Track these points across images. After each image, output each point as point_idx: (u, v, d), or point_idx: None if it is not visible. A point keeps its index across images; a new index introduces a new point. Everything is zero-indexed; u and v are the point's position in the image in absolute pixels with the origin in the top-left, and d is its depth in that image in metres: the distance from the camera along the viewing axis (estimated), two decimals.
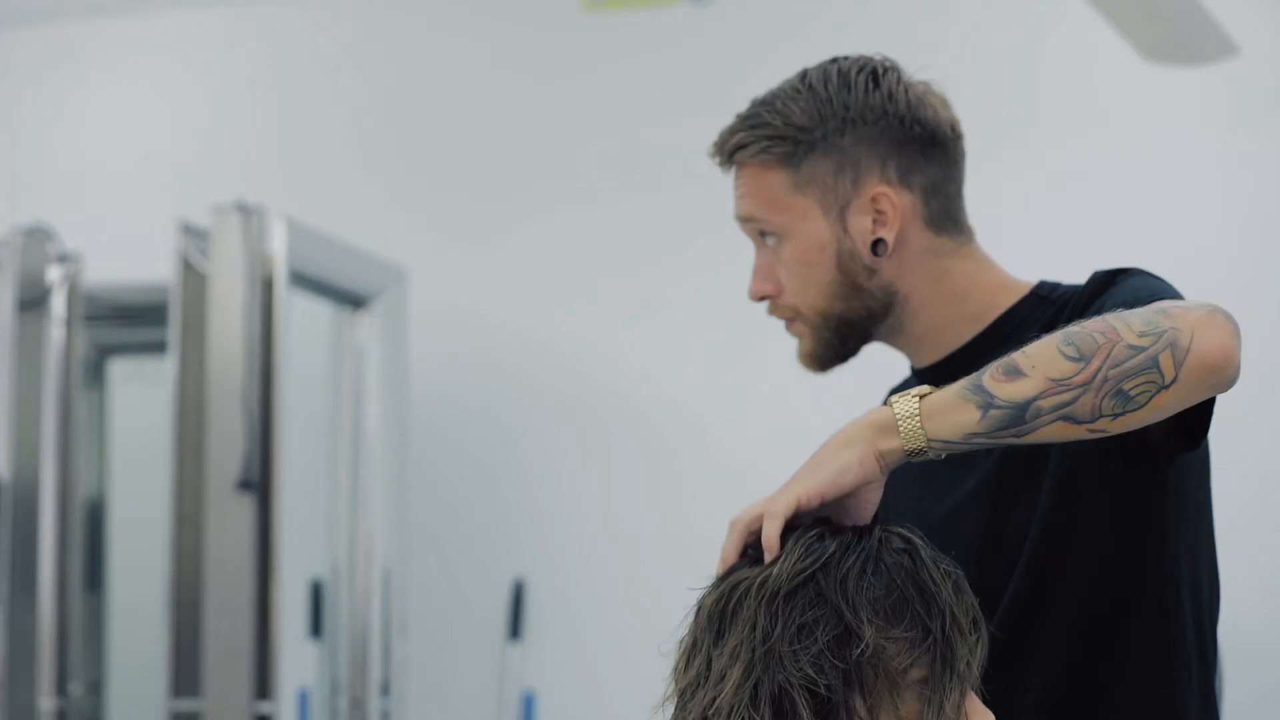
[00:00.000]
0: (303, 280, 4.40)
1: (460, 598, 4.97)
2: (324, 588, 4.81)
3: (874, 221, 2.07)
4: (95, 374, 5.04)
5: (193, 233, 4.25)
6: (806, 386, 4.65)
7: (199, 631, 4.18)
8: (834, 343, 2.12)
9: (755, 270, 2.10)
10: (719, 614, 1.75)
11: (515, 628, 4.86)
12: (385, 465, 4.63)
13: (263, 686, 4.16)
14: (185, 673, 4.21)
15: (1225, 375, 1.76)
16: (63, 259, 4.34)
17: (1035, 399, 1.78)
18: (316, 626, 4.82)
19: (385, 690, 4.64)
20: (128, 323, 4.95)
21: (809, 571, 1.71)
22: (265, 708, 4.15)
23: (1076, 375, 1.77)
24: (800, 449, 2.79)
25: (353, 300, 4.65)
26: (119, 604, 5.20)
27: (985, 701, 1.76)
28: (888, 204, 2.07)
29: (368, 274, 4.65)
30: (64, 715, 4.33)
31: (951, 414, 1.81)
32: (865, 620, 1.68)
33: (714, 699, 1.72)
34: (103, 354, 5.10)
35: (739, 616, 1.73)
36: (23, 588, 4.29)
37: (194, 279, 4.24)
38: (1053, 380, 1.77)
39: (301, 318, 4.44)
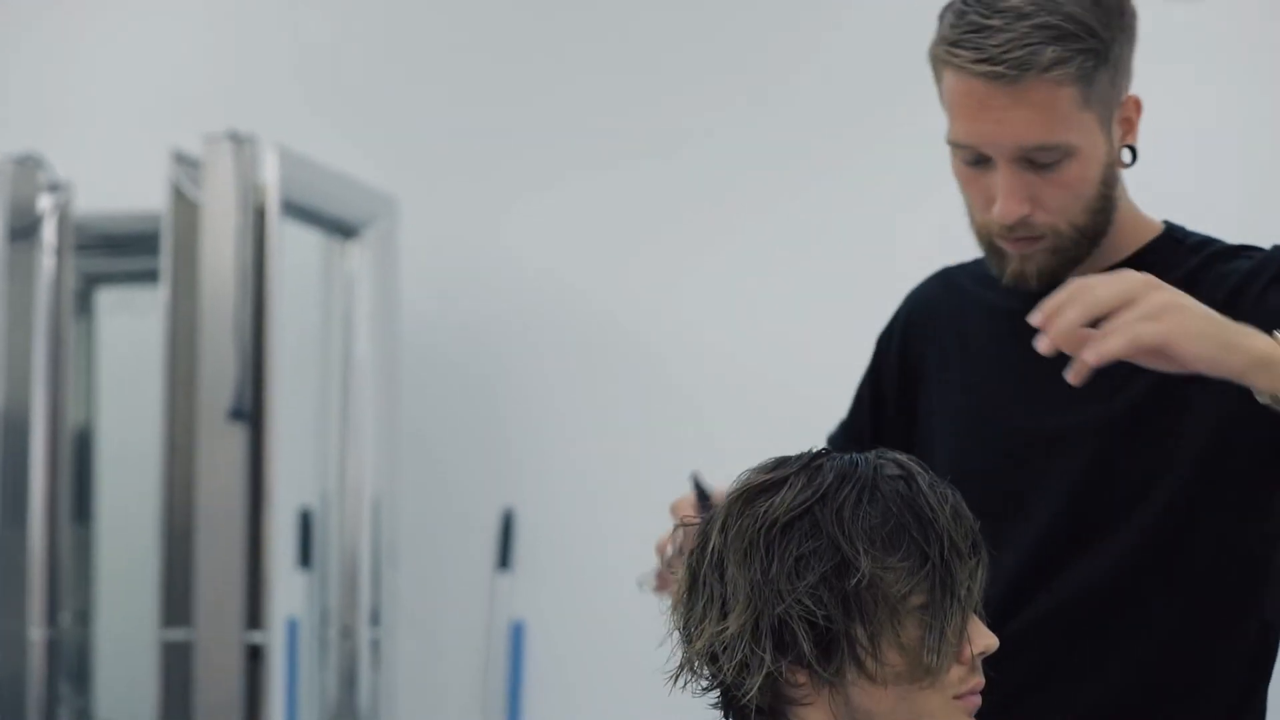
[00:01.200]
0: (294, 209, 4.39)
1: (450, 527, 4.98)
2: (313, 517, 4.82)
3: (1124, 130, 2.05)
4: (83, 304, 5.02)
5: (185, 162, 4.24)
6: (804, 314, 4.70)
7: (190, 561, 4.19)
8: (1074, 259, 2.06)
9: (1008, 192, 2.00)
10: (718, 548, 1.76)
11: (504, 558, 4.87)
12: (375, 395, 4.63)
13: (254, 616, 4.17)
14: (176, 602, 4.22)
15: None
16: (54, 188, 4.32)
17: None
18: (306, 556, 4.82)
19: (375, 620, 4.65)
20: (116, 252, 4.94)
21: (806, 505, 1.72)
22: (257, 637, 4.16)
23: None
24: (797, 378, 2.81)
25: (343, 230, 4.64)
26: (106, 534, 5.20)
27: (990, 624, 1.77)
28: (1134, 110, 2.05)
29: (359, 203, 4.64)
30: (54, 645, 4.33)
31: None
32: (861, 550, 1.69)
33: (719, 633, 1.73)
34: (90, 283, 5.08)
35: (738, 550, 1.73)
36: (13, 518, 4.30)
37: (186, 208, 4.23)
38: None
39: (292, 247, 4.43)
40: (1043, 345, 1.84)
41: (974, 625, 1.75)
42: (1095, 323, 1.80)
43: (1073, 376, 1.84)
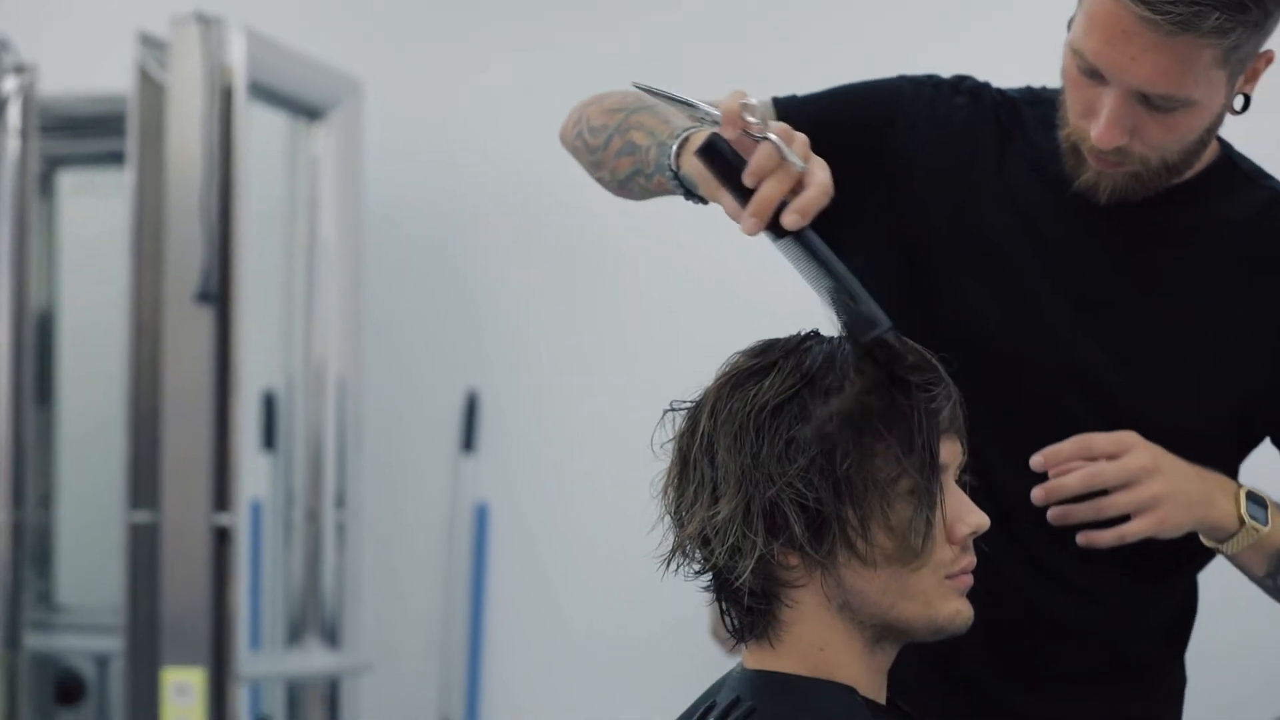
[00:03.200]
0: (260, 91, 4.37)
1: (414, 410, 4.98)
2: (276, 400, 4.82)
3: (1246, 79, 2.04)
4: (44, 186, 5.00)
5: (151, 43, 4.21)
6: None
7: (157, 443, 4.18)
8: (1150, 187, 2.08)
9: (1113, 120, 1.98)
10: (707, 432, 1.77)
11: (468, 440, 4.88)
12: (340, 277, 4.61)
13: (221, 498, 4.18)
14: (142, 485, 4.22)
15: None
16: (19, 69, 4.28)
17: None
18: (269, 438, 4.83)
19: (339, 502, 4.66)
20: (78, 134, 4.90)
21: (794, 388, 1.72)
22: (224, 519, 4.17)
23: None
24: (763, 265, 2.81)
25: (309, 112, 4.61)
26: (68, 418, 5.19)
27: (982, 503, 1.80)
28: (1264, 64, 2.04)
29: (324, 85, 4.61)
30: (19, 529, 4.33)
31: (1258, 555, 2.09)
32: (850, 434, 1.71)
33: (710, 517, 1.74)
34: (52, 166, 5.05)
35: (728, 434, 1.74)
36: None
37: (152, 90, 4.20)
38: None
39: (257, 129, 4.40)
40: (1038, 495, 2.01)
41: (965, 505, 1.77)
42: None
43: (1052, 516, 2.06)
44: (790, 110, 2.15)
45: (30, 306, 4.40)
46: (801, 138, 1.80)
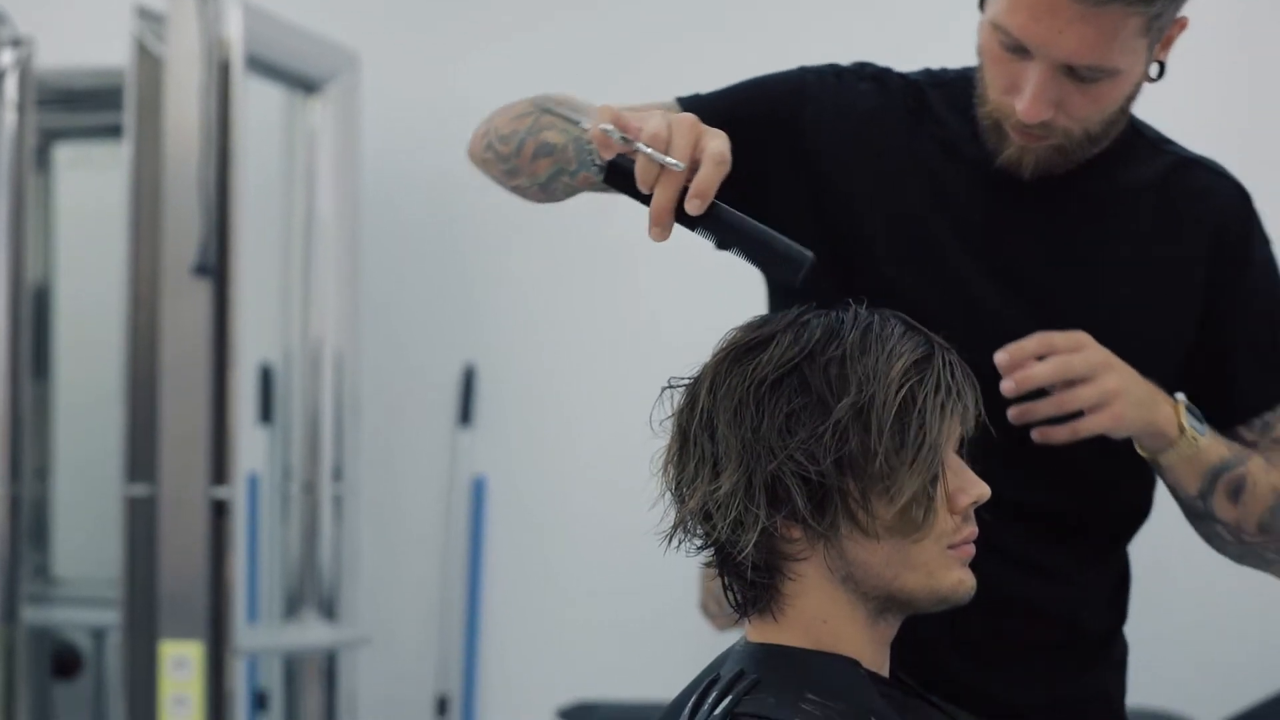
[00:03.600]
0: (257, 65, 4.36)
1: (411, 383, 4.98)
2: (273, 373, 4.82)
3: (1162, 47, 2.07)
4: (40, 159, 4.99)
5: (148, 16, 4.20)
6: None
7: (154, 416, 4.18)
8: (1073, 159, 2.10)
9: (1039, 94, 2.00)
10: (707, 407, 1.77)
11: (466, 413, 4.88)
12: (337, 250, 4.61)
13: (218, 472, 4.18)
14: (140, 458, 4.22)
15: None
16: (16, 43, 4.28)
17: (1224, 522, 2.13)
18: (267, 412, 4.83)
19: (337, 475, 4.66)
20: (74, 107, 4.90)
21: (794, 361, 1.73)
22: (221, 492, 4.17)
23: (1257, 536, 2.13)
24: None
25: (306, 85, 4.61)
26: (65, 391, 5.19)
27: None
28: (1178, 30, 2.07)
29: (321, 58, 4.61)
30: (17, 502, 4.33)
31: (1192, 470, 2.11)
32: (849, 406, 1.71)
33: (712, 491, 1.74)
34: (48, 139, 5.05)
35: (728, 409, 1.75)
36: None
37: (149, 63, 4.20)
38: (1243, 524, 2.13)
39: (254, 103, 4.40)
40: (1008, 387, 2.02)
41: (966, 475, 1.77)
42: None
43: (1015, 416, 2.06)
44: (695, 109, 2.12)
45: (27, 280, 4.39)
46: (687, 118, 1.82)
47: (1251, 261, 2.17)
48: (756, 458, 1.71)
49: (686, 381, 1.81)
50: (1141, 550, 2.33)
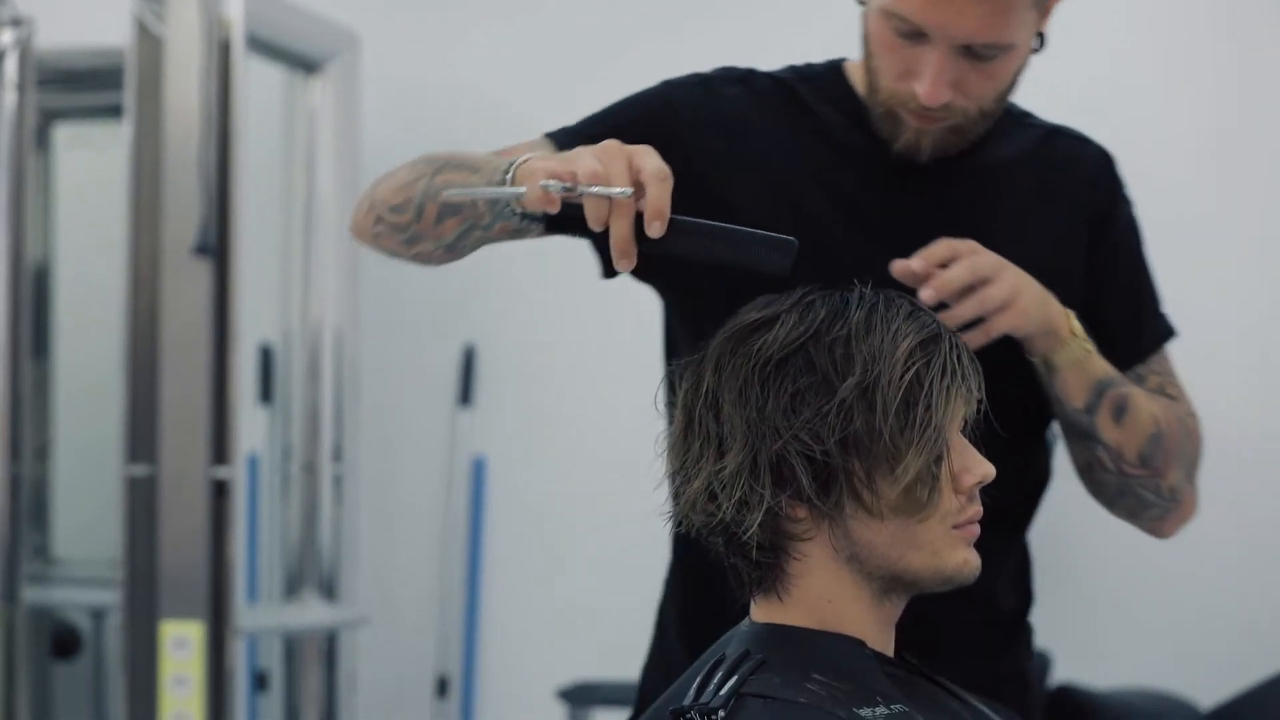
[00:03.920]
0: (257, 44, 4.36)
1: (411, 363, 4.98)
2: (274, 353, 4.82)
3: (1042, 17, 2.10)
4: (40, 139, 4.99)
5: None
6: None
7: (154, 396, 4.18)
8: (968, 138, 2.13)
9: (939, 77, 2.03)
10: (712, 387, 1.77)
11: (466, 393, 4.88)
12: (337, 230, 4.61)
13: (219, 452, 4.18)
14: (140, 438, 4.21)
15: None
16: (16, 23, 4.27)
17: (1107, 444, 2.16)
18: (267, 392, 4.83)
19: (337, 455, 4.66)
20: (74, 87, 4.89)
21: (799, 341, 1.73)
22: (221, 473, 4.17)
23: (1137, 467, 2.15)
24: None
25: (306, 65, 4.61)
26: (65, 371, 5.19)
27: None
28: (1054, 1, 2.10)
29: (321, 38, 4.61)
30: (16, 482, 4.33)
31: (1081, 379, 2.13)
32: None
33: (717, 471, 1.74)
34: (48, 119, 5.04)
35: (732, 388, 1.75)
36: None
37: (149, 43, 4.19)
38: (1125, 450, 2.16)
39: (254, 83, 4.39)
40: (928, 296, 1.99)
41: (971, 455, 1.77)
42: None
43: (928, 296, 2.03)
44: (570, 142, 2.12)
45: (27, 260, 4.38)
46: (610, 145, 1.81)
47: (1120, 221, 2.24)
48: (761, 437, 1.72)
49: (692, 361, 1.81)
50: (1141, 537, 2.34)
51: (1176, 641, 4.38)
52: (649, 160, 1.80)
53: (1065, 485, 3.08)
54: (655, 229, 1.77)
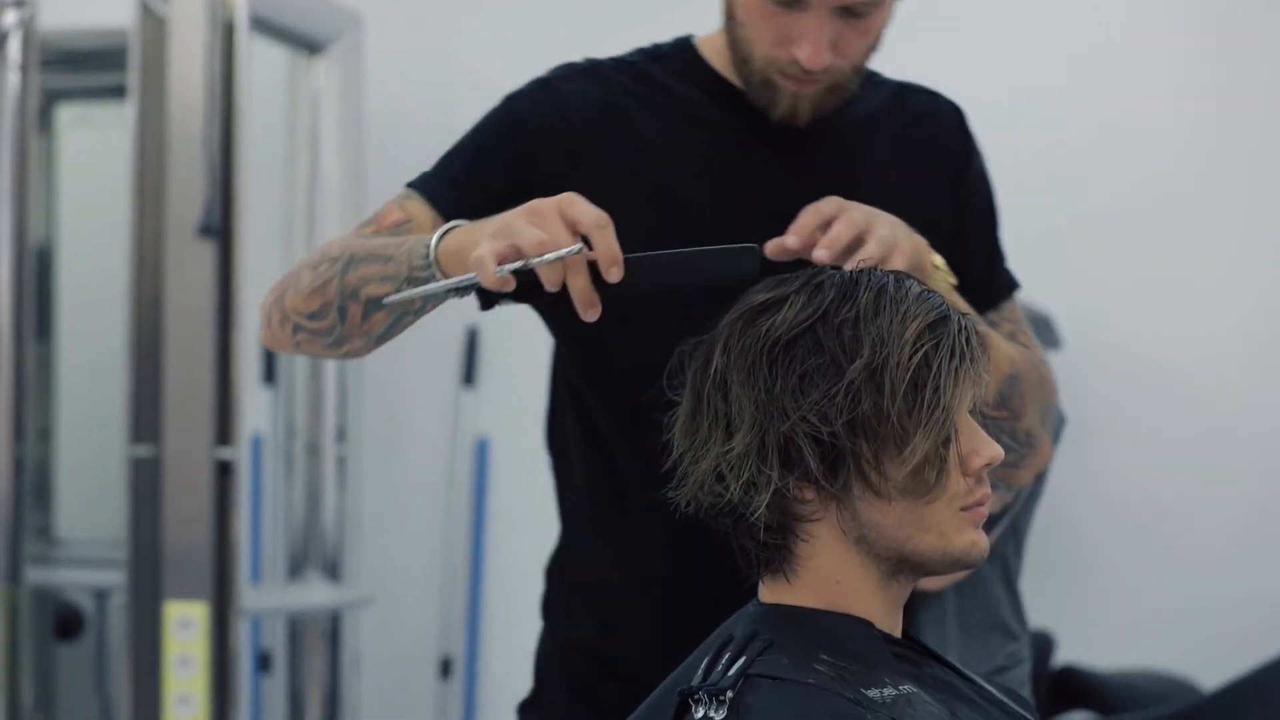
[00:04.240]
0: (261, 25, 4.35)
1: (414, 344, 4.93)
2: None
3: None
4: (43, 120, 4.98)
5: None
6: None
7: (158, 377, 4.18)
8: (844, 94, 2.14)
9: (821, 40, 2.04)
10: (720, 368, 1.78)
11: (469, 374, 4.88)
12: (340, 211, 4.60)
13: (222, 432, 4.18)
14: (144, 419, 4.21)
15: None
16: (19, 3, 4.26)
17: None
18: (270, 372, 4.83)
19: (341, 436, 4.66)
20: (77, 68, 4.89)
21: (808, 322, 1.73)
22: (225, 453, 4.17)
23: (995, 409, 2.12)
24: None
25: (309, 45, 4.60)
26: (68, 352, 5.19)
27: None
28: None
29: (324, 19, 4.60)
30: (20, 463, 4.33)
31: None
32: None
33: (724, 452, 1.74)
34: (51, 99, 5.04)
35: (741, 369, 1.75)
36: None
37: (153, 23, 4.18)
38: None
39: (258, 63, 4.39)
40: (822, 256, 1.92)
41: (979, 437, 1.77)
42: None
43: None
44: (439, 193, 2.14)
45: (30, 240, 4.38)
46: (539, 205, 1.81)
47: (972, 172, 2.25)
48: (769, 419, 1.72)
49: (700, 341, 1.82)
50: (1144, 519, 2.35)
51: (1179, 623, 4.39)
52: (582, 210, 1.79)
53: (1068, 468, 3.09)
54: (614, 274, 1.78)
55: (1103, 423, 4.40)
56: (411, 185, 2.18)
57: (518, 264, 1.76)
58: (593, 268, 1.78)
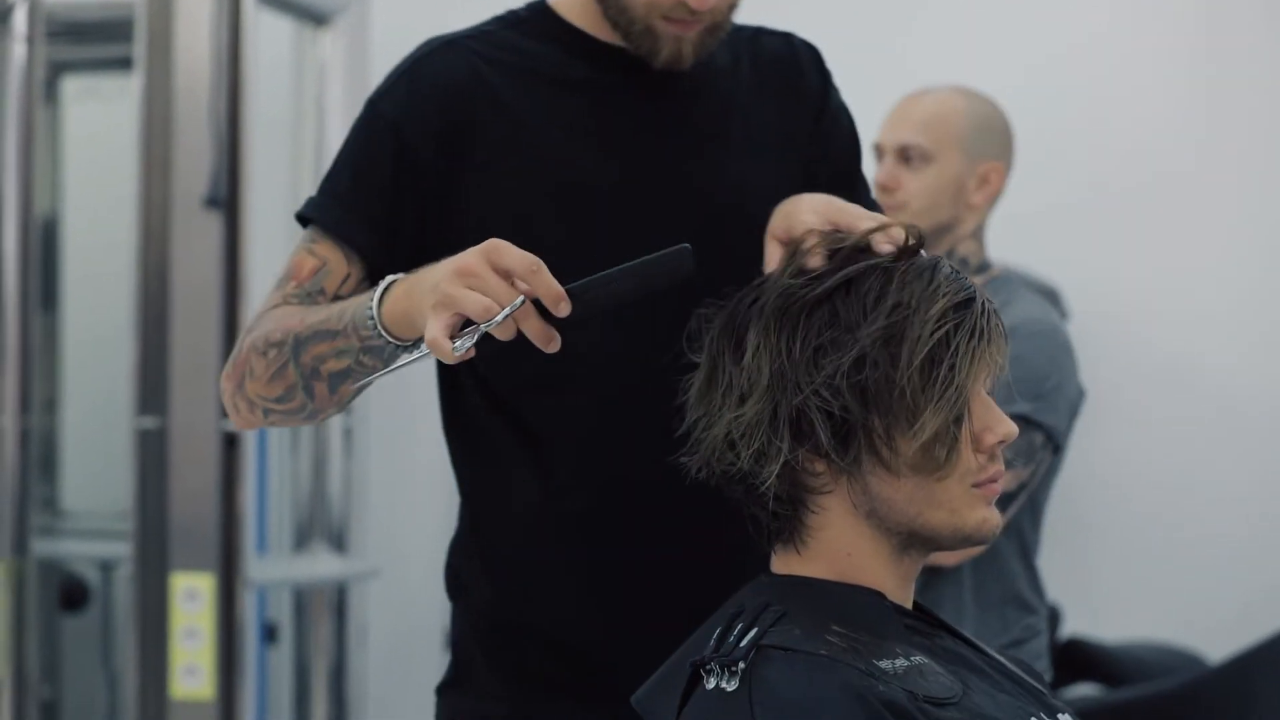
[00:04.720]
0: None
1: None
2: None
3: None
4: (48, 91, 4.97)
5: None
6: None
7: (165, 349, 4.18)
8: (722, 33, 2.12)
9: None
10: (735, 337, 1.78)
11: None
12: None
13: None
14: (150, 390, 4.21)
15: None
16: None
17: None
18: None
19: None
20: (83, 40, 4.88)
21: (826, 295, 1.74)
22: (232, 425, 4.15)
23: None
24: None
25: (315, 17, 4.59)
26: (73, 323, 5.18)
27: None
28: None
29: None
30: (26, 435, 4.33)
31: None
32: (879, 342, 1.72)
33: (736, 418, 1.75)
34: (56, 71, 5.03)
35: (755, 337, 1.75)
36: None
37: None
38: None
39: (264, 35, 4.38)
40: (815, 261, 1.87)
41: (994, 414, 1.77)
42: None
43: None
44: (341, 225, 2.10)
45: (35, 212, 4.38)
46: (470, 264, 1.77)
47: (832, 107, 2.24)
48: (783, 389, 1.72)
49: (718, 307, 1.83)
50: (1150, 492, 2.34)
51: (1186, 596, 4.40)
52: (512, 259, 1.76)
53: (1075, 442, 3.09)
54: (563, 309, 1.76)
55: (1109, 398, 4.40)
56: (308, 219, 2.13)
57: (473, 337, 1.75)
58: (537, 302, 1.77)
